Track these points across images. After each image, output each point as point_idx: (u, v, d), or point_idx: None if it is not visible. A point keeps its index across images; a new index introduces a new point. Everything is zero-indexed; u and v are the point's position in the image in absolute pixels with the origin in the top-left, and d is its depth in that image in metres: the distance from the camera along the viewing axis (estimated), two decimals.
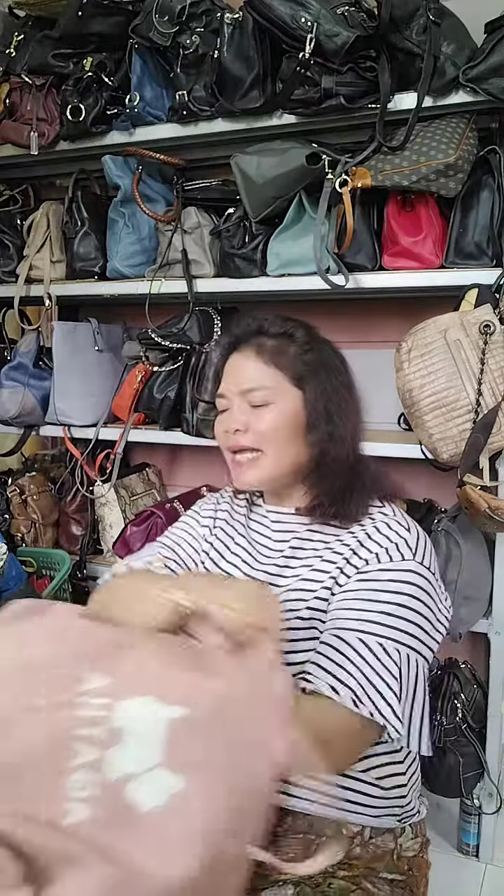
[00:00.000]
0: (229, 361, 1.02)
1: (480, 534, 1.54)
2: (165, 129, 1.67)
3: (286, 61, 1.47)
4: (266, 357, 0.97)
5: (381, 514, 0.95)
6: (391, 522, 0.94)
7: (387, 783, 0.93)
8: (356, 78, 1.43)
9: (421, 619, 0.87)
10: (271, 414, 0.95)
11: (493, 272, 1.43)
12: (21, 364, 1.96)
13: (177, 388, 1.77)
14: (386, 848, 0.95)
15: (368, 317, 1.86)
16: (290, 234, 1.57)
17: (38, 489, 2.05)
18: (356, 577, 0.89)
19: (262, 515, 1.05)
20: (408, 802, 0.96)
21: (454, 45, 1.40)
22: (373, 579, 0.88)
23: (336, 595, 0.90)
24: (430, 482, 1.66)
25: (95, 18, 1.65)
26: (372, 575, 0.89)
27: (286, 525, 1.01)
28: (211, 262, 1.73)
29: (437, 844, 1.58)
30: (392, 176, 1.43)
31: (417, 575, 0.89)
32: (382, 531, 0.92)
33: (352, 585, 0.89)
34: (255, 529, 1.05)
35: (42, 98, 1.76)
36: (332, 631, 0.86)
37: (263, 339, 0.99)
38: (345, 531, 0.95)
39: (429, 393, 1.40)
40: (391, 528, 0.93)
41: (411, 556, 0.90)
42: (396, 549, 0.90)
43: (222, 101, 1.54)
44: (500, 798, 1.55)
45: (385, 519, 0.94)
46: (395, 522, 0.94)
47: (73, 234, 1.85)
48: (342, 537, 0.94)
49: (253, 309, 1.99)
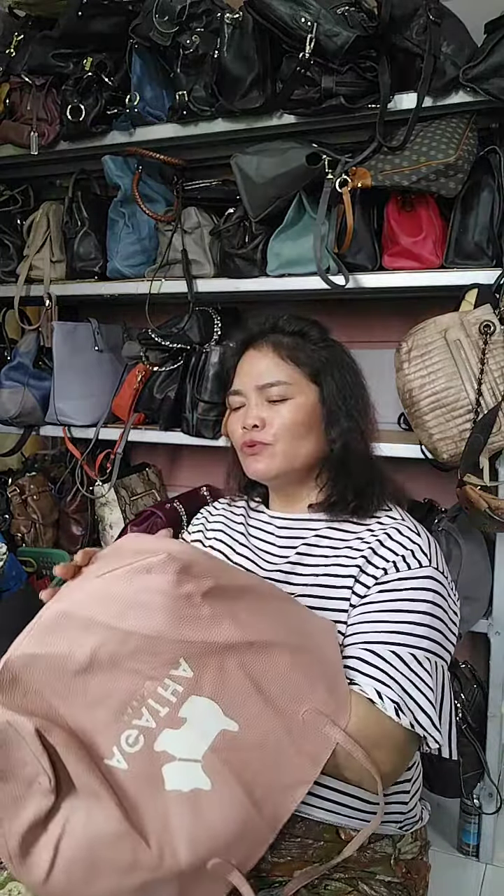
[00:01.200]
0: (244, 358, 1.03)
1: (480, 534, 1.54)
2: (165, 129, 1.67)
3: (286, 61, 1.47)
4: (283, 353, 0.99)
5: (390, 518, 0.95)
6: (401, 528, 0.93)
7: (389, 789, 0.93)
8: (356, 78, 1.43)
9: (442, 624, 0.87)
10: (289, 409, 0.96)
11: (493, 272, 1.43)
12: (21, 364, 1.96)
13: (177, 388, 1.77)
14: (384, 853, 0.94)
15: (368, 317, 1.86)
16: (290, 234, 1.57)
17: (38, 489, 2.04)
18: (376, 587, 0.88)
19: (264, 522, 1.04)
20: (410, 809, 0.96)
21: (454, 45, 1.40)
22: (394, 589, 0.87)
23: (357, 608, 0.89)
24: (430, 482, 1.66)
25: (95, 18, 1.65)
26: (392, 585, 0.88)
27: (293, 531, 1.00)
28: (211, 262, 1.73)
29: (437, 844, 1.58)
30: (392, 176, 1.43)
31: (436, 581, 0.88)
32: (395, 538, 0.92)
33: (373, 597, 0.88)
34: (257, 536, 1.04)
35: (42, 98, 1.76)
36: (361, 645, 0.85)
37: (279, 336, 1.01)
38: (363, 528, 0.95)
39: (429, 393, 1.40)
40: (402, 535, 0.92)
41: (427, 563, 0.89)
42: (413, 556, 0.90)
43: (222, 101, 1.54)
44: (500, 798, 1.55)
45: (394, 524, 0.94)
46: (405, 528, 0.93)
47: (73, 234, 1.85)
48: (361, 534, 0.94)
49: (253, 309, 1.99)
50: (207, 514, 1.15)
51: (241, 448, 1.00)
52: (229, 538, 1.07)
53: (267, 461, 0.97)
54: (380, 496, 0.97)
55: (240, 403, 1.01)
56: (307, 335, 1.02)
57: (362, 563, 0.90)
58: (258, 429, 0.97)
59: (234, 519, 1.10)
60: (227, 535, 1.08)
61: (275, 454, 0.96)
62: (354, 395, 1.00)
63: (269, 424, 0.97)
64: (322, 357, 1.00)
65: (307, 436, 0.97)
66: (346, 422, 0.98)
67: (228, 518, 1.11)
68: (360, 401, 1.01)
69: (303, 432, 0.97)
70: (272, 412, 0.97)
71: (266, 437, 0.96)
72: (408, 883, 0.95)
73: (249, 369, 1.01)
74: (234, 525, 1.09)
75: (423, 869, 1.00)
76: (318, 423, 0.98)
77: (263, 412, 0.97)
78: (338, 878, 0.91)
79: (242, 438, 0.99)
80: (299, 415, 0.97)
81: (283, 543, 1.00)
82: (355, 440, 0.98)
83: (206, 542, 1.10)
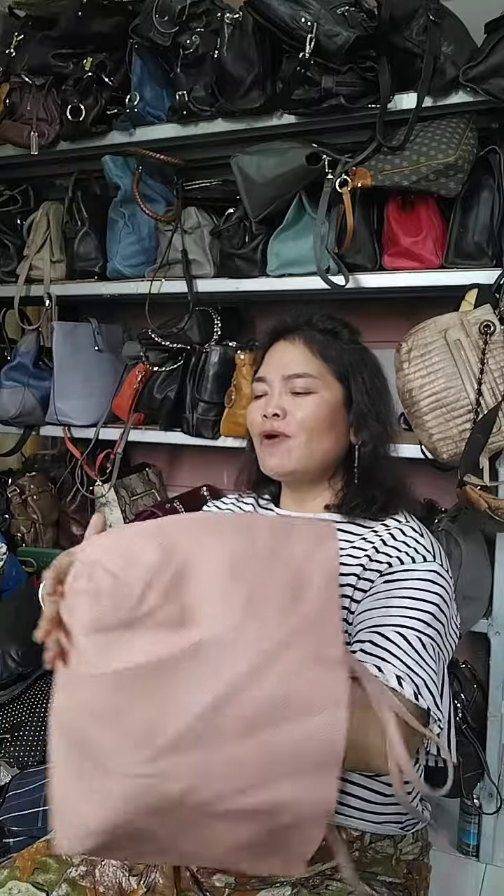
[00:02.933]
0: (274, 347, 1.02)
1: (480, 534, 1.54)
2: (165, 129, 1.67)
3: (286, 61, 1.47)
4: (314, 347, 0.99)
5: (395, 521, 0.95)
6: (405, 528, 0.94)
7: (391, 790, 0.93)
8: (356, 78, 1.43)
9: (445, 619, 0.87)
10: (312, 403, 0.96)
11: (493, 272, 1.43)
12: (21, 364, 1.96)
13: (177, 388, 1.77)
14: (385, 853, 0.94)
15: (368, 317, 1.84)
16: (290, 234, 1.57)
17: (38, 489, 2.05)
18: (381, 579, 0.89)
19: None
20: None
21: (454, 45, 1.40)
22: (400, 580, 0.88)
23: (362, 601, 0.89)
24: (430, 482, 1.66)
25: (95, 18, 1.65)
26: (398, 576, 0.88)
27: None
28: (211, 262, 1.73)
29: (438, 844, 1.57)
30: (392, 176, 1.43)
31: (441, 577, 0.88)
32: (398, 537, 0.92)
33: (379, 587, 0.88)
34: None
35: (42, 98, 1.76)
36: (367, 630, 0.84)
37: (312, 331, 1.01)
38: (367, 529, 0.95)
39: (429, 393, 1.40)
40: (406, 535, 0.92)
41: (432, 559, 0.90)
42: (417, 553, 0.90)
43: (222, 101, 1.54)
44: (500, 798, 1.55)
45: (399, 525, 0.94)
46: (409, 528, 0.94)
47: (73, 234, 1.85)
48: (365, 535, 0.94)
49: (253, 309, 2.00)
50: (214, 509, 1.15)
51: (259, 440, 1.00)
52: None
53: (284, 456, 0.96)
54: (398, 501, 0.97)
55: (263, 391, 1.01)
56: (339, 334, 1.02)
57: (366, 561, 0.91)
58: (279, 418, 0.96)
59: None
60: None
61: (292, 448, 0.96)
62: (383, 399, 1.01)
63: (291, 415, 0.96)
64: (352, 358, 1.00)
65: (327, 433, 0.97)
66: (375, 425, 0.98)
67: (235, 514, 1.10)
68: (387, 406, 1.02)
69: (323, 429, 0.96)
70: (294, 404, 0.96)
71: (286, 427, 0.96)
72: (409, 884, 0.95)
73: (279, 359, 1.00)
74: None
75: (423, 870, 1.00)
76: (339, 422, 0.98)
77: (286, 402, 0.97)
78: (339, 877, 0.91)
79: (262, 427, 0.98)
80: (322, 410, 0.96)
81: None
82: (384, 445, 0.98)
83: None
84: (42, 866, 0.87)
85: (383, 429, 0.98)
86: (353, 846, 0.92)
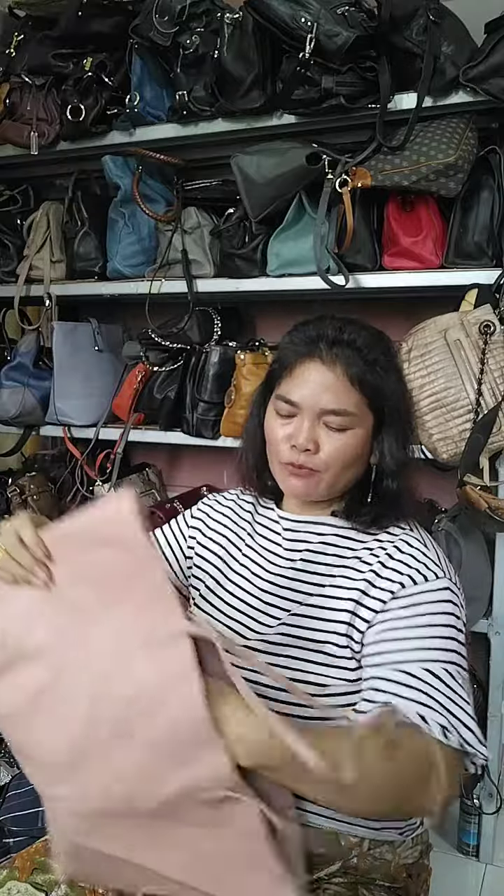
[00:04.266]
0: (308, 364, 0.93)
1: (480, 534, 1.54)
2: (165, 129, 1.67)
3: (286, 61, 1.47)
4: (354, 378, 0.92)
5: (399, 529, 0.94)
6: (409, 539, 0.92)
7: None
8: (356, 78, 1.43)
9: (461, 636, 0.86)
10: (346, 440, 0.92)
11: (493, 272, 1.43)
12: (21, 364, 1.96)
13: (177, 388, 1.77)
14: (384, 859, 0.93)
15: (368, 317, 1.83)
16: (290, 234, 1.57)
17: (38, 489, 2.04)
18: (394, 602, 0.86)
19: (272, 520, 1.03)
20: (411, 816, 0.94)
21: (454, 45, 1.40)
22: (415, 603, 0.86)
23: (376, 625, 0.87)
24: (430, 482, 1.66)
25: (95, 18, 1.65)
26: (413, 599, 0.86)
27: (299, 534, 0.99)
28: (211, 262, 1.73)
29: (437, 844, 1.57)
30: (392, 176, 1.43)
31: (451, 593, 0.87)
32: (404, 550, 0.90)
33: (394, 613, 0.86)
34: (264, 535, 1.03)
35: (42, 98, 1.76)
36: (391, 666, 0.82)
37: (353, 353, 0.93)
38: (371, 538, 0.94)
39: (429, 393, 1.40)
40: (412, 546, 0.91)
41: (442, 574, 0.88)
42: (427, 569, 0.88)
43: (222, 101, 1.54)
44: (500, 798, 1.55)
45: (403, 534, 0.93)
46: (413, 539, 0.92)
47: (73, 234, 1.85)
48: (368, 544, 0.93)
49: (253, 309, 2.00)
50: (214, 503, 1.12)
51: (283, 466, 0.96)
52: (234, 535, 1.06)
53: (310, 486, 0.94)
54: (405, 511, 0.96)
55: (290, 413, 0.94)
56: (377, 362, 0.95)
57: (371, 577, 0.89)
58: (310, 452, 0.92)
59: (242, 515, 1.08)
60: (232, 530, 1.06)
61: (320, 481, 0.93)
62: (409, 423, 0.99)
63: (321, 449, 0.92)
64: (388, 387, 0.95)
65: (355, 464, 0.94)
66: (397, 451, 0.95)
67: (235, 512, 1.09)
68: (410, 426, 1.00)
69: (352, 461, 0.94)
70: (327, 437, 0.92)
71: (317, 463, 0.92)
72: (409, 886, 0.94)
73: (315, 387, 0.92)
74: (240, 521, 1.07)
75: (423, 872, 0.99)
76: (367, 451, 0.95)
77: (319, 436, 0.92)
78: (337, 882, 0.90)
79: (290, 457, 0.94)
80: (355, 446, 0.93)
81: (288, 546, 0.98)
82: (402, 467, 0.96)
83: (208, 532, 1.08)
84: (41, 866, 0.87)
85: (404, 453, 0.96)
86: (352, 852, 0.92)
